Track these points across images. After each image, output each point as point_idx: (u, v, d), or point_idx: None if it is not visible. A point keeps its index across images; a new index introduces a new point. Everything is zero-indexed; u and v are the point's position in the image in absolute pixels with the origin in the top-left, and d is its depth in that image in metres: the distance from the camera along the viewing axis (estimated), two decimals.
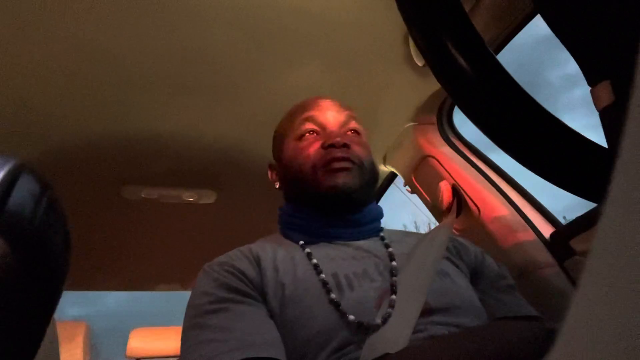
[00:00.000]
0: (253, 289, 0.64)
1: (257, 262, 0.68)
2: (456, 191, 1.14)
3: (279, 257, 0.69)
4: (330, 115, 0.80)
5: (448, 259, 0.74)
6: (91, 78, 1.04)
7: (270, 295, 0.63)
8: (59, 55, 0.96)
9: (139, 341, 2.01)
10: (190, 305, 0.64)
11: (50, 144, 1.22)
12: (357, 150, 0.77)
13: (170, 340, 2.01)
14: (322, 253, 0.70)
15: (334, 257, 0.69)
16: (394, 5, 0.47)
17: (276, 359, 0.56)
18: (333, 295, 0.62)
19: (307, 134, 0.79)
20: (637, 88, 0.12)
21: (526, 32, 0.98)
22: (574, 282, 0.91)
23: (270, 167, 0.88)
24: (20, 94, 1.05)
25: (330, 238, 0.75)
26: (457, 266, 0.74)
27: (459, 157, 1.20)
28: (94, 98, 1.10)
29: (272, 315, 0.62)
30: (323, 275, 0.65)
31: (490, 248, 1.00)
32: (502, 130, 0.46)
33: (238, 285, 0.63)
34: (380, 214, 0.81)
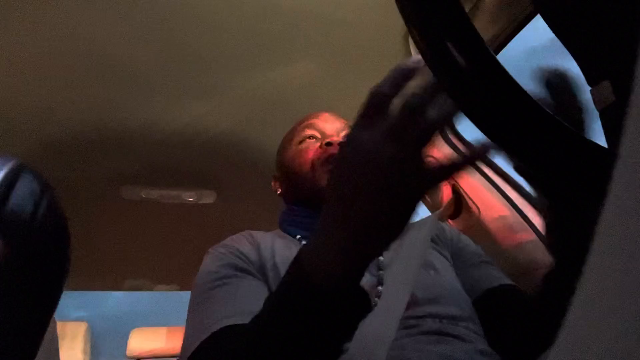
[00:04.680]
0: (254, 269, 0.66)
1: (258, 247, 0.71)
2: (456, 191, 1.14)
3: (277, 246, 0.72)
4: (329, 123, 0.86)
5: (433, 248, 0.77)
6: (90, 78, 1.04)
7: (269, 277, 0.66)
8: (57, 54, 0.96)
9: (139, 341, 2.01)
10: (196, 285, 0.66)
11: (49, 144, 1.22)
12: None
13: (170, 340, 2.01)
14: None
15: None
16: (394, 5, 0.47)
17: None
18: None
19: (307, 139, 0.85)
20: (637, 88, 0.12)
21: (518, 42, 0.99)
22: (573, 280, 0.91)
23: (274, 177, 0.93)
24: (18, 93, 1.05)
25: None
26: (441, 254, 0.77)
27: (459, 157, 1.20)
28: (93, 98, 1.10)
29: None
30: None
31: (490, 248, 1.00)
32: (502, 131, 0.46)
33: (240, 264, 0.66)
34: None
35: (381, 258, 0.71)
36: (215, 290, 0.62)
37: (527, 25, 0.96)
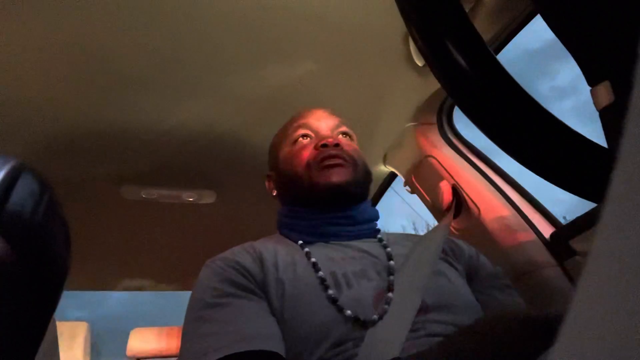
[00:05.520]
0: (255, 285, 0.65)
1: (260, 259, 0.69)
2: (456, 191, 1.14)
3: (280, 255, 0.70)
4: (322, 120, 0.84)
5: (444, 259, 0.75)
6: (90, 78, 1.04)
7: (271, 293, 0.64)
8: (57, 55, 0.96)
9: (139, 341, 2.01)
10: (193, 299, 0.65)
11: (49, 144, 1.22)
12: (349, 149, 0.80)
13: (170, 340, 2.01)
14: (321, 253, 0.72)
15: (332, 257, 0.70)
16: (394, 5, 0.47)
17: (275, 352, 0.56)
18: (331, 292, 0.63)
19: (300, 139, 0.83)
20: (637, 88, 0.12)
21: (515, 46, 0.99)
22: (574, 282, 0.91)
23: (268, 177, 0.91)
24: (18, 94, 1.05)
25: (328, 237, 0.76)
26: (453, 266, 0.75)
27: (459, 157, 1.20)
28: (93, 98, 1.10)
29: (273, 312, 0.63)
30: (321, 273, 0.66)
31: (490, 248, 1.00)
32: (502, 130, 0.46)
33: (241, 280, 0.64)
34: (376, 215, 0.83)
35: (392, 262, 0.70)
36: (213, 309, 0.61)
37: (527, 25, 0.96)
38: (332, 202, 0.76)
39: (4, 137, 1.18)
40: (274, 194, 0.88)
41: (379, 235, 0.79)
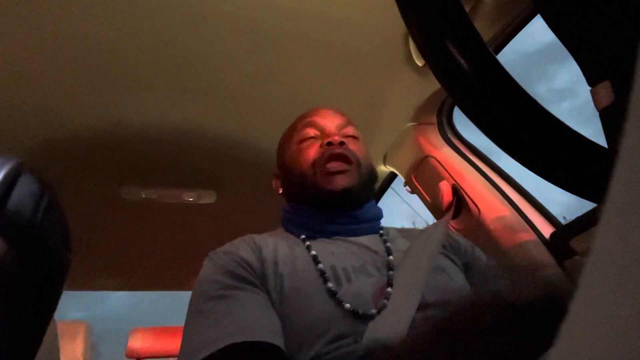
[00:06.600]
0: (256, 278, 0.65)
1: (259, 252, 0.70)
2: (456, 191, 1.14)
3: (280, 249, 0.71)
4: (328, 119, 0.85)
5: (445, 254, 0.75)
6: (90, 77, 1.04)
7: (270, 285, 0.65)
8: (57, 54, 0.96)
9: (139, 341, 2.01)
10: (195, 292, 0.66)
11: (49, 144, 1.22)
12: (354, 149, 0.80)
13: (170, 340, 2.01)
14: (322, 247, 0.72)
15: (333, 252, 0.71)
16: (394, 5, 0.47)
17: (274, 344, 0.57)
18: (330, 285, 0.63)
19: (307, 137, 0.83)
20: (637, 88, 0.12)
21: (514, 48, 0.99)
22: (574, 282, 0.91)
23: (275, 176, 0.91)
24: (18, 93, 1.05)
25: (330, 234, 0.77)
26: (453, 262, 0.76)
27: (459, 157, 1.20)
28: (93, 98, 1.10)
29: (272, 305, 0.63)
30: (321, 266, 0.66)
31: (490, 248, 1.00)
32: (502, 130, 0.46)
33: (242, 273, 0.65)
34: (379, 214, 0.83)
35: (391, 257, 0.70)
36: (214, 302, 0.61)
37: (526, 28, 0.96)
38: (336, 205, 0.77)
39: (4, 137, 1.18)
40: (280, 192, 0.88)
41: (380, 231, 0.79)
